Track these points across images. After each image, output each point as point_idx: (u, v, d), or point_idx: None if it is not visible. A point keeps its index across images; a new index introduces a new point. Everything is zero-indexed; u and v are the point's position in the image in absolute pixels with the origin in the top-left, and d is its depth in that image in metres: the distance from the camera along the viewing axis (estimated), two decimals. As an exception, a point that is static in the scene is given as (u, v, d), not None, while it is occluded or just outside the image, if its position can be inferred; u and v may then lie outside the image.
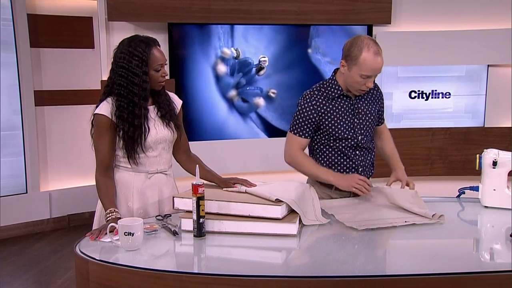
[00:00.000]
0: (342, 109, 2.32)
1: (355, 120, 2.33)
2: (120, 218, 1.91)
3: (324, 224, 1.97)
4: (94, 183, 2.11)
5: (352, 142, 2.33)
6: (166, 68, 2.18)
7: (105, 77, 3.89)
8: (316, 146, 2.38)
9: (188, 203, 1.89)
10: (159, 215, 2.09)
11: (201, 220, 1.81)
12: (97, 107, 2.10)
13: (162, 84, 2.14)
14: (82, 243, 1.79)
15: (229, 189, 2.09)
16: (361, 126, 2.35)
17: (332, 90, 2.32)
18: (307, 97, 2.32)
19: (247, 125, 4.14)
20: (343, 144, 2.33)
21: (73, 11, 4.65)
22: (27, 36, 4.40)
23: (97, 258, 1.65)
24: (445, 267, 1.62)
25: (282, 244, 1.80)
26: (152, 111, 2.15)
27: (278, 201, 1.87)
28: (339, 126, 2.31)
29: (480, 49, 4.08)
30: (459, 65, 4.18)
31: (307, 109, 2.29)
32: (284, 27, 4.09)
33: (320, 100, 2.30)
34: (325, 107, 2.30)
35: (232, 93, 4.08)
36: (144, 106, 2.08)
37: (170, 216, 2.07)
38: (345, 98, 2.33)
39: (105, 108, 2.07)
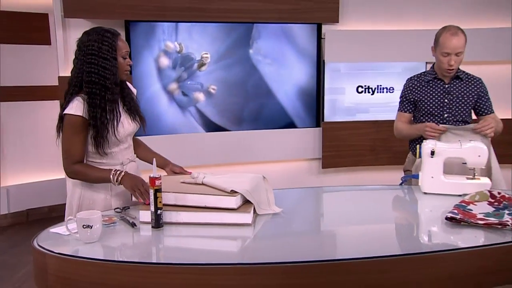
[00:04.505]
0: (434, 90, 2.67)
1: (445, 100, 2.65)
2: (126, 172, 2.03)
3: (278, 213, 1.99)
4: (52, 177, 2.05)
5: (439, 118, 2.64)
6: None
7: (62, 73, 3.79)
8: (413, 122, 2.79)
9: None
10: (117, 208, 2.06)
11: (159, 211, 1.80)
12: (66, 104, 2.03)
13: (127, 73, 2.13)
14: (40, 237, 1.74)
15: (187, 180, 2.07)
16: (450, 105, 2.64)
17: (428, 75, 2.71)
18: (407, 82, 2.78)
19: (186, 118, 4.09)
20: (432, 120, 2.65)
21: (28, 7, 4.48)
22: (-18, 32, 4.22)
23: (55, 251, 1.60)
24: (389, 250, 1.67)
25: (238, 233, 1.81)
26: (119, 104, 2.13)
27: (233, 192, 1.87)
28: (428, 103, 2.67)
29: (419, 47, 4.16)
30: (400, 61, 4.29)
31: (406, 90, 2.75)
32: (227, 26, 4.05)
33: (416, 84, 2.72)
34: (419, 88, 2.70)
35: (173, 86, 4.02)
36: (115, 91, 2.05)
37: (129, 208, 2.04)
38: (438, 81, 2.68)
39: (79, 107, 2.00)
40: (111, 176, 2.01)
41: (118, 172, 2.01)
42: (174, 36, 3.97)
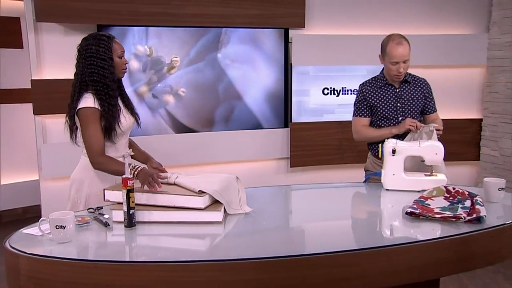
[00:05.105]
0: (387, 95, 2.70)
1: (398, 104, 2.69)
2: (142, 167, 2.06)
3: (248, 213, 1.99)
4: (26, 179, 2.02)
5: (394, 122, 2.68)
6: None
7: (34, 76, 3.70)
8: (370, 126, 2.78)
9: (119, 195, 1.84)
10: (90, 208, 2.03)
11: (131, 211, 1.78)
12: (77, 101, 2.19)
13: (125, 71, 2.30)
14: (12, 238, 1.69)
15: (160, 180, 2.05)
16: (403, 109, 2.69)
17: (379, 80, 2.73)
18: (361, 87, 2.78)
19: (155, 120, 4.07)
20: (388, 123, 2.69)
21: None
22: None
23: (27, 252, 1.57)
24: (353, 244, 1.70)
25: (209, 231, 1.80)
26: (119, 100, 2.30)
27: (200, 192, 1.86)
28: (383, 108, 2.69)
29: (382, 51, 4.28)
30: (364, 65, 4.36)
31: (361, 95, 2.74)
32: (197, 31, 4.04)
33: (370, 89, 2.73)
34: (373, 94, 2.71)
35: (143, 88, 3.99)
36: (114, 87, 2.22)
37: (102, 208, 2.01)
38: (389, 87, 2.71)
39: (90, 100, 2.17)
40: (130, 168, 2.05)
41: (136, 166, 2.08)
42: (145, 40, 3.93)
